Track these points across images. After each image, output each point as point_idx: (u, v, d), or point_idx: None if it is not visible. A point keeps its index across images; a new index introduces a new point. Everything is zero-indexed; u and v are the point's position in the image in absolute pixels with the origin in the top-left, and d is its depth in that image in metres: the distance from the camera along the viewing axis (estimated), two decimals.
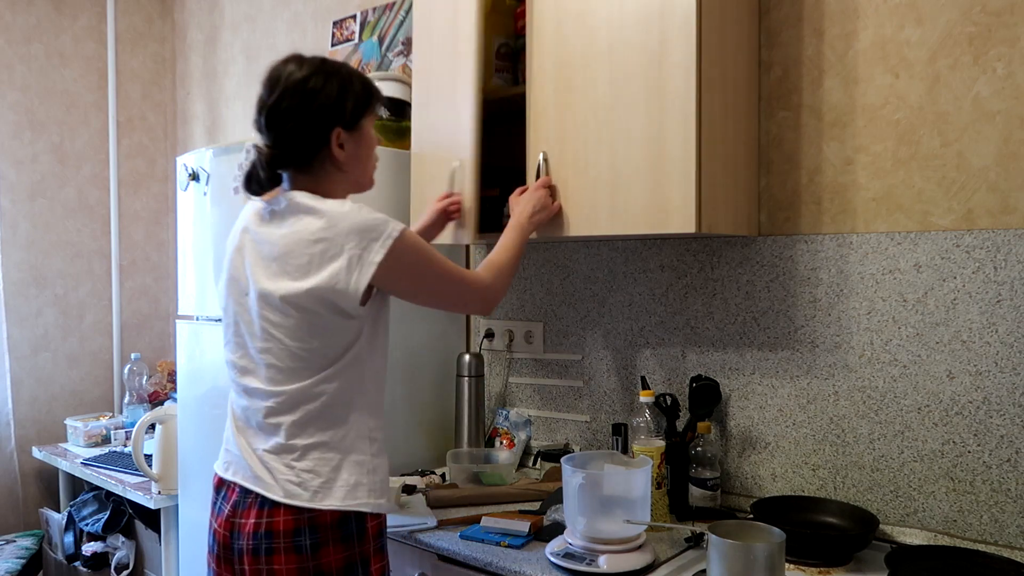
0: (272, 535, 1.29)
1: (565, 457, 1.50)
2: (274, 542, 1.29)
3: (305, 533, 1.28)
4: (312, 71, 1.33)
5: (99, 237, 3.46)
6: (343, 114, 1.34)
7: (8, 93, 3.19)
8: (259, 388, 1.35)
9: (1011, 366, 1.46)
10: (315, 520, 1.29)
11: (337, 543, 1.30)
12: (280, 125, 1.32)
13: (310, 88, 1.32)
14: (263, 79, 1.36)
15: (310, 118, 1.32)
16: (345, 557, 1.30)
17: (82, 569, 2.82)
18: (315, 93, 1.32)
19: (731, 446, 1.83)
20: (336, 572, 1.29)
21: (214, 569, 1.39)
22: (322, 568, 1.28)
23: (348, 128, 1.36)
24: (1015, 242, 1.46)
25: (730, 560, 1.22)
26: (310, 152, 1.35)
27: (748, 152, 1.72)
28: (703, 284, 1.87)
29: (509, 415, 2.21)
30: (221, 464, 1.43)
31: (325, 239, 1.27)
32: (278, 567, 1.28)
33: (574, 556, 1.43)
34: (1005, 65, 1.47)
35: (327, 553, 1.29)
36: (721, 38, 1.58)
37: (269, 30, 3.09)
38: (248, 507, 1.33)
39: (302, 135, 1.33)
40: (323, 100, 1.32)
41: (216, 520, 1.39)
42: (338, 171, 1.38)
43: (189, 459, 2.28)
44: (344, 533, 1.30)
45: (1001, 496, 1.47)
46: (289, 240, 1.30)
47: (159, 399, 3.12)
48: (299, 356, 1.32)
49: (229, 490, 1.38)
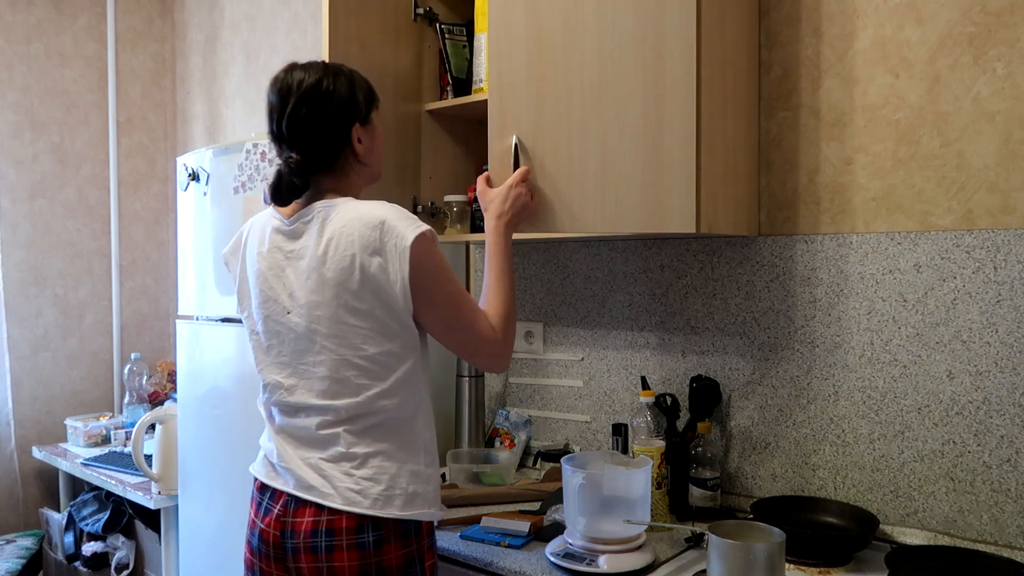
0: (333, 533, 1.30)
1: (565, 457, 1.50)
2: (335, 539, 1.30)
3: (368, 530, 1.30)
4: (321, 74, 1.37)
5: (99, 237, 3.46)
6: (358, 110, 1.39)
7: (8, 93, 3.19)
8: (314, 404, 1.35)
9: (1011, 366, 1.46)
10: (377, 518, 1.30)
11: (398, 540, 1.32)
12: (305, 131, 1.35)
13: (324, 90, 1.35)
14: (273, 90, 1.38)
15: (332, 119, 1.36)
16: (404, 554, 1.32)
17: (82, 569, 2.82)
18: (330, 94, 1.36)
19: (731, 446, 1.83)
20: (396, 570, 1.31)
21: (261, 568, 1.38)
22: (383, 565, 1.30)
23: (363, 123, 1.41)
24: (1015, 242, 1.46)
25: (730, 560, 1.22)
26: (336, 152, 1.38)
27: (748, 152, 1.72)
28: (703, 284, 1.87)
29: (509, 415, 2.21)
30: (261, 470, 1.42)
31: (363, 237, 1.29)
32: (339, 564, 1.29)
33: (574, 556, 1.43)
34: (1005, 65, 1.47)
35: (388, 550, 1.31)
36: (721, 38, 1.58)
37: (269, 30, 3.09)
38: (301, 507, 1.33)
39: (327, 137, 1.37)
40: (339, 100, 1.37)
41: (264, 520, 1.37)
42: (360, 165, 1.42)
43: (189, 459, 2.28)
44: (404, 530, 1.33)
45: (1001, 496, 1.47)
46: (329, 247, 1.31)
47: (159, 399, 3.12)
48: (357, 366, 1.32)
49: (277, 493, 1.37)
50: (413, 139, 2.03)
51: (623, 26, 1.53)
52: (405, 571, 1.32)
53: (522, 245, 2.20)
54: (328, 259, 1.30)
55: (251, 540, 1.40)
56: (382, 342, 1.32)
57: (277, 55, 3.06)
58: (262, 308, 1.40)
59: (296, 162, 1.36)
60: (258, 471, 1.43)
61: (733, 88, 1.64)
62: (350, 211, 1.32)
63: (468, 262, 2.36)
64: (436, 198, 2.03)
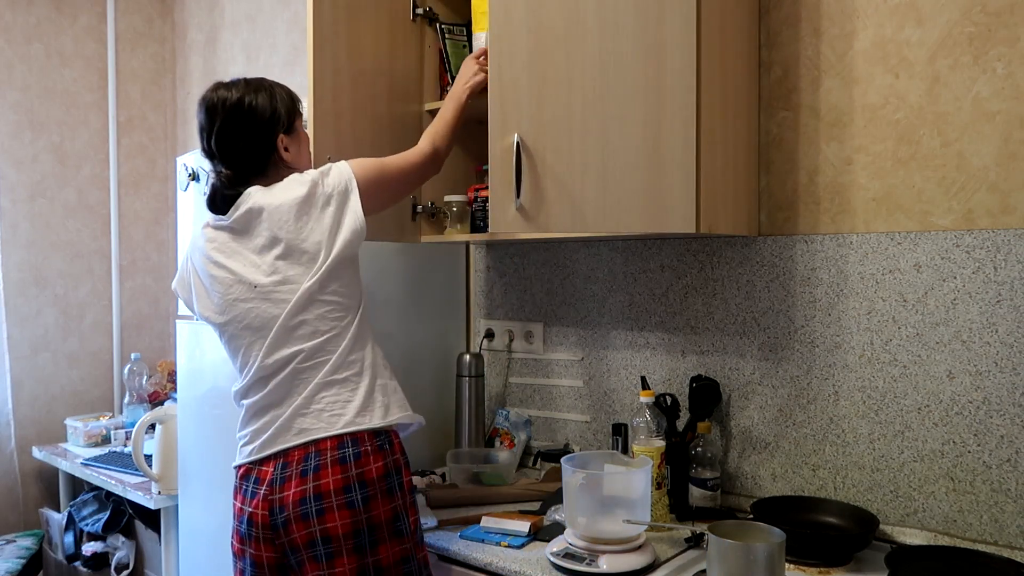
0: (321, 496, 1.37)
1: (565, 457, 1.50)
2: (324, 502, 1.37)
3: (355, 489, 1.37)
4: (243, 92, 1.49)
5: (99, 237, 3.45)
6: (281, 121, 1.51)
7: (8, 93, 3.19)
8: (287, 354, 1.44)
9: (1011, 366, 1.47)
10: (363, 476, 1.39)
11: (384, 495, 1.40)
12: (232, 146, 1.48)
13: (248, 107, 1.48)
14: (200, 109, 1.50)
15: (256, 133, 1.49)
16: (392, 508, 1.41)
17: (82, 569, 2.82)
18: (253, 110, 1.49)
19: (731, 446, 1.83)
20: (385, 523, 1.40)
21: (251, 554, 1.44)
22: (373, 520, 1.38)
23: (288, 132, 1.53)
24: (1015, 242, 1.46)
25: (730, 560, 1.22)
26: (263, 162, 1.50)
27: (748, 152, 1.72)
28: (703, 284, 1.87)
29: (509, 415, 2.21)
30: (245, 452, 1.49)
31: (304, 198, 1.43)
32: (331, 524, 1.36)
33: (574, 556, 1.43)
34: (1005, 65, 1.47)
35: (376, 506, 1.39)
36: (721, 38, 1.58)
37: (269, 30, 3.10)
38: (287, 480, 1.39)
39: (254, 150, 1.49)
40: (261, 114, 1.49)
41: (250, 504, 1.44)
42: (287, 168, 1.53)
43: (189, 459, 2.28)
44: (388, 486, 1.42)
45: (1001, 496, 1.47)
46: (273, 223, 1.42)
47: (159, 399, 3.11)
48: (324, 314, 1.43)
49: (260, 472, 1.44)
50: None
51: (624, 26, 1.53)
52: (384, 481, 1.41)
53: (522, 245, 2.20)
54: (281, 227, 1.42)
55: (239, 528, 1.46)
56: (345, 281, 1.46)
57: (277, 55, 3.06)
58: (227, 302, 1.47)
59: (227, 176, 1.48)
60: (240, 456, 1.50)
61: (733, 88, 1.64)
62: (274, 190, 1.46)
63: (468, 262, 2.36)
64: (436, 198, 2.03)
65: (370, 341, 1.50)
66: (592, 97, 1.56)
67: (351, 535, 1.36)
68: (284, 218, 1.41)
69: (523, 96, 1.61)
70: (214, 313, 1.49)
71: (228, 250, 1.47)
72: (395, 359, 1.53)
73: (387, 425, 1.46)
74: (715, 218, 1.57)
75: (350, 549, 1.36)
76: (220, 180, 1.48)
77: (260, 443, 1.45)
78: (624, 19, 1.53)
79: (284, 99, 1.53)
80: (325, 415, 1.41)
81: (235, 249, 1.46)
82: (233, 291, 1.45)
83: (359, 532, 1.37)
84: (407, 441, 1.56)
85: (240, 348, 1.48)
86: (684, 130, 1.49)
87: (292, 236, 1.41)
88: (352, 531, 1.36)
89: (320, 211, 1.43)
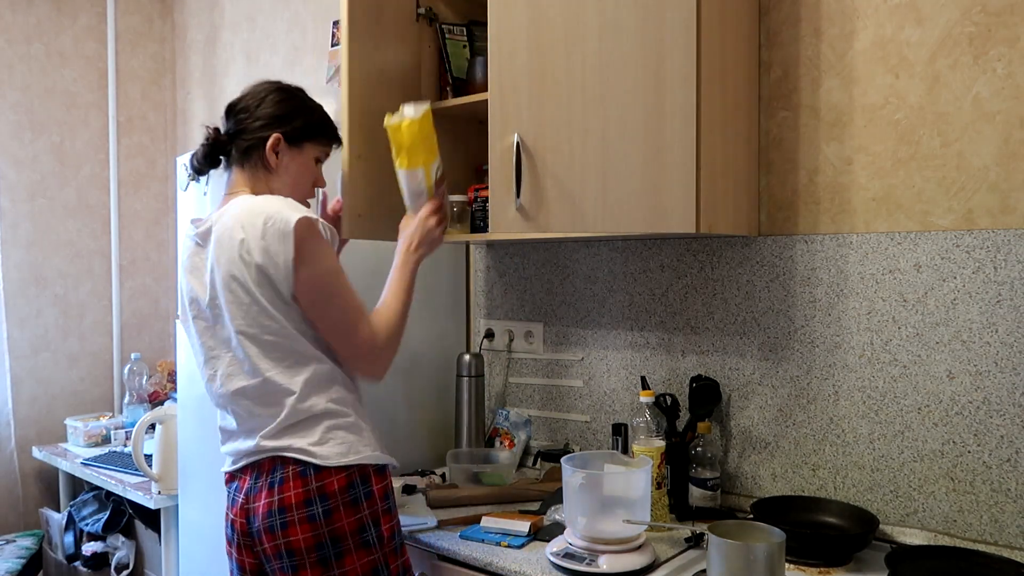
0: (285, 510, 1.37)
1: (565, 457, 1.50)
2: (287, 516, 1.37)
3: (316, 502, 1.37)
4: (276, 88, 1.52)
5: (99, 237, 3.45)
6: (286, 125, 1.49)
7: (8, 93, 3.19)
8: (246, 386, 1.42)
9: (1011, 366, 1.46)
10: (324, 489, 1.37)
11: (348, 507, 1.38)
12: (232, 116, 1.51)
13: (266, 96, 1.51)
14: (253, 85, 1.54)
15: (256, 116, 1.49)
16: (356, 520, 1.39)
17: (82, 569, 2.82)
18: (269, 100, 1.50)
19: (731, 446, 1.83)
20: (350, 535, 1.38)
21: (235, 558, 1.48)
22: (336, 532, 1.37)
23: (288, 140, 1.50)
24: (1015, 242, 1.46)
25: (730, 560, 1.22)
26: (246, 146, 1.49)
27: (748, 152, 1.72)
28: (703, 284, 1.87)
29: (509, 415, 2.21)
30: (228, 463, 1.51)
31: (249, 227, 1.38)
32: (295, 538, 1.37)
33: (574, 556, 1.43)
34: (1005, 65, 1.47)
35: (339, 518, 1.38)
36: (721, 38, 1.58)
37: (269, 30, 3.10)
38: (259, 491, 1.40)
39: (245, 128, 1.49)
40: (273, 107, 1.50)
41: (232, 511, 1.47)
42: (267, 174, 1.51)
43: (189, 459, 2.27)
44: (352, 497, 1.39)
45: (1001, 496, 1.47)
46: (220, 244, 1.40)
47: (159, 399, 3.11)
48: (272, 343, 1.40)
49: (240, 480, 1.46)
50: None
51: (624, 25, 1.53)
52: (359, 535, 1.39)
53: (522, 245, 2.20)
54: (220, 255, 1.39)
55: (226, 532, 1.50)
56: (276, 326, 1.39)
57: (277, 55, 3.06)
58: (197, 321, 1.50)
59: (212, 137, 1.51)
60: (225, 466, 1.53)
61: (733, 88, 1.64)
62: (237, 204, 1.41)
63: (468, 262, 2.36)
64: None
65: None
66: (592, 97, 1.56)
67: (313, 548, 1.36)
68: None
69: (523, 96, 1.61)
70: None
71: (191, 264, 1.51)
72: (395, 359, 1.53)
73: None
74: (715, 218, 1.57)
75: (313, 562, 1.37)
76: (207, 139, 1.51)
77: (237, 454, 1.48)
78: (624, 19, 1.53)
79: (310, 118, 1.52)
80: None
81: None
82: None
83: (321, 545, 1.36)
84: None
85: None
86: (684, 130, 1.49)
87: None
88: (314, 544, 1.36)
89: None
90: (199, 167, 1.53)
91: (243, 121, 1.49)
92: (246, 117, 1.49)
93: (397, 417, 2.12)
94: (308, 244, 1.37)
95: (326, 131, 1.56)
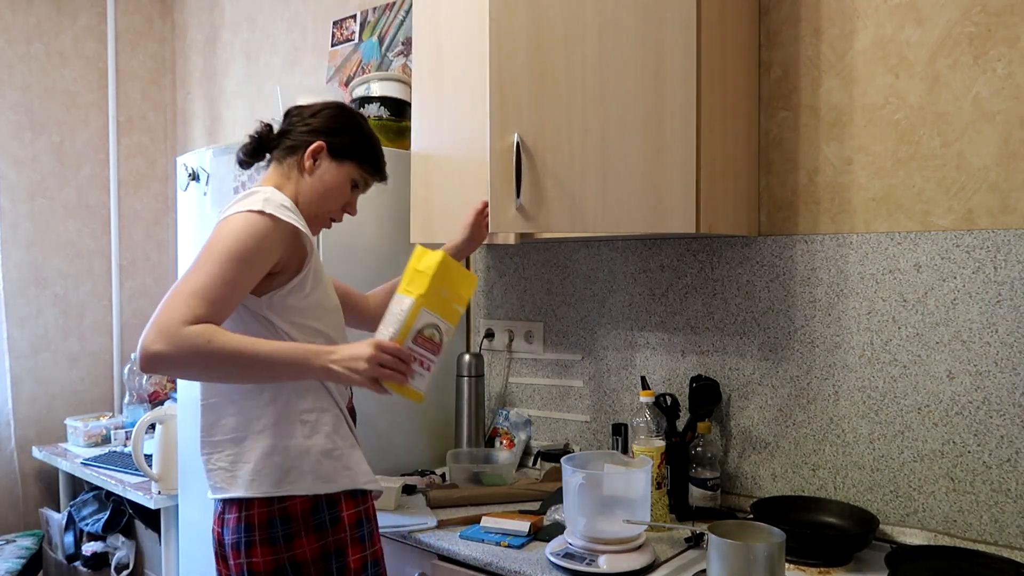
0: (249, 528, 1.32)
1: (565, 457, 1.50)
2: (251, 535, 1.31)
3: (277, 524, 1.31)
4: (337, 104, 1.51)
5: (99, 237, 3.45)
6: (334, 137, 1.46)
7: (8, 93, 3.19)
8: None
9: (1011, 366, 1.46)
10: (287, 511, 1.31)
11: (310, 533, 1.31)
12: (288, 117, 1.50)
13: (324, 109, 1.49)
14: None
15: (308, 122, 1.47)
16: (320, 547, 1.32)
17: (82, 569, 2.82)
18: (325, 113, 1.48)
19: (731, 446, 1.83)
20: (311, 562, 1.31)
21: (216, 568, 1.44)
22: (296, 558, 1.31)
23: (330, 151, 1.45)
24: (1015, 242, 1.46)
25: (730, 560, 1.22)
26: (290, 145, 1.46)
27: (748, 152, 1.72)
28: (703, 284, 1.87)
29: (509, 415, 2.21)
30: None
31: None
32: (255, 559, 1.31)
33: (574, 556, 1.43)
34: (1005, 65, 1.47)
35: (300, 544, 1.31)
36: (721, 38, 1.58)
37: (269, 30, 3.09)
38: (232, 503, 1.35)
39: (294, 129, 1.47)
40: (327, 119, 1.47)
41: (213, 519, 1.43)
42: (299, 176, 1.45)
43: (189, 459, 2.27)
44: (316, 522, 1.32)
45: (1001, 496, 1.47)
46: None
47: (159, 399, 3.11)
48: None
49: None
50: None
51: (624, 25, 1.53)
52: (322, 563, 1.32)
53: (522, 245, 2.20)
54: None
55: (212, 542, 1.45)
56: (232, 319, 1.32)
57: (277, 55, 3.06)
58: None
59: (263, 131, 1.48)
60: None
61: (733, 88, 1.64)
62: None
63: (468, 262, 2.36)
64: None
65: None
66: (592, 97, 1.56)
67: (272, 573, 1.30)
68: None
69: (523, 96, 1.61)
70: None
71: None
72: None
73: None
74: (715, 218, 1.57)
75: None
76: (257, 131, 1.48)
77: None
78: (624, 19, 1.53)
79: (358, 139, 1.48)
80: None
81: None
82: None
83: (281, 570, 1.30)
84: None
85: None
86: (684, 130, 1.49)
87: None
88: (274, 569, 1.30)
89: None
90: (242, 159, 1.50)
91: (295, 123, 1.47)
92: (299, 121, 1.47)
93: (397, 417, 2.12)
94: (222, 229, 1.28)
95: (372, 159, 1.50)
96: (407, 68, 2.50)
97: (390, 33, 2.60)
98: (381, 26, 2.63)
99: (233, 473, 1.34)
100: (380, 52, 2.63)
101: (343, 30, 2.78)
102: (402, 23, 2.56)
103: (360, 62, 2.69)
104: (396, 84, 2.25)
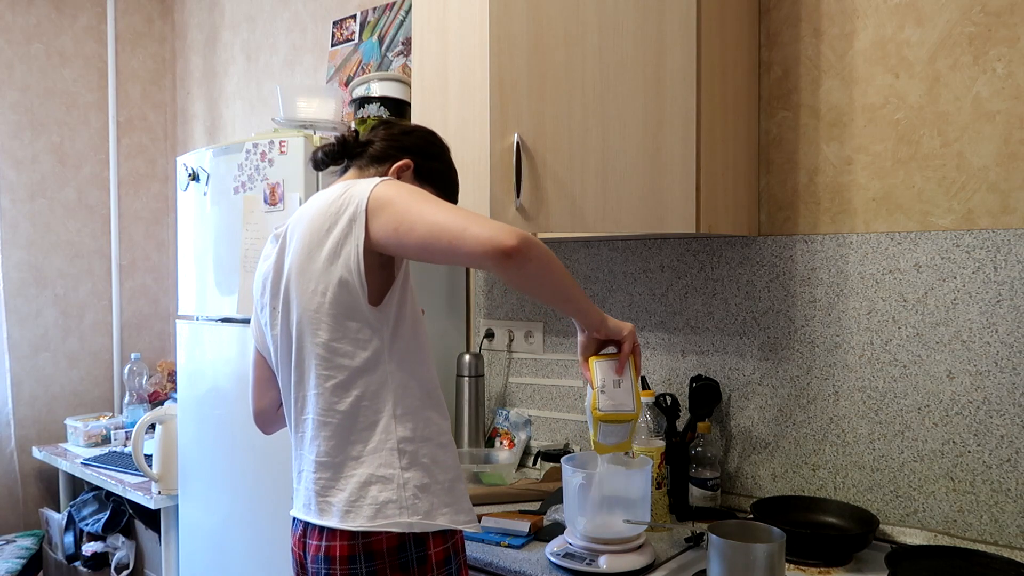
0: (329, 560, 1.22)
1: (565, 457, 1.50)
2: (331, 568, 1.22)
3: (360, 561, 1.21)
4: (430, 132, 1.46)
5: (99, 237, 3.46)
6: (422, 159, 1.40)
7: (8, 93, 3.19)
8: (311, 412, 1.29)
9: (1011, 366, 1.47)
10: (371, 547, 1.20)
11: (395, 571, 1.21)
12: (379, 128, 1.43)
13: (417, 131, 1.44)
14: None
15: (399, 139, 1.41)
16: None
17: (82, 569, 2.82)
18: (419, 135, 1.43)
19: (731, 446, 1.83)
20: None
21: None
22: None
23: (416, 172, 1.39)
24: (1015, 242, 1.46)
25: (730, 560, 1.22)
26: (375, 155, 1.39)
27: (748, 152, 1.72)
28: (703, 284, 1.87)
29: (509, 415, 2.21)
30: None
31: (330, 213, 1.24)
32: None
33: (574, 556, 1.43)
34: (1005, 65, 1.47)
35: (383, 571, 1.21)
36: (721, 38, 1.58)
37: (269, 30, 3.10)
38: (314, 529, 1.26)
39: (384, 143, 1.40)
40: (419, 141, 1.42)
41: (293, 538, 1.34)
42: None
43: (189, 459, 2.28)
44: (402, 560, 1.21)
45: (1001, 496, 1.47)
46: (305, 232, 1.28)
47: (159, 399, 3.12)
48: (328, 360, 1.25)
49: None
50: None
51: (624, 25, 1.53)
52: (397, 553, 1.21)
53: None
54: (293, 254, 1.28)
55: (292, 556, 1.37)
56: (349, 329, 1.23)
57: (277, 55, 3.06)
58: (273, 321, 1.36)
59: (350, 136, 1.41)
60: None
61: (733, 88, 1.64)
62: (323, 195, 1.30)
63: (468, 273, 2.36)
64: None
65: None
66: (592, 97, 1.56)
67: None
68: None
69: (523, 96, 1.61)
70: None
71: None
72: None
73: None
74: (715, 218, 1.57)
75: None
76: (342, 136, 1.41)
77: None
78: (624, 19, 1.54)
79: (443, 170, 1.43)
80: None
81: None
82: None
83: None
84: None
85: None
86: (684, 130, 1.49)
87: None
88: None
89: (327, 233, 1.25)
90: (322, 159, 1.42)
91: (385, 138, 1.41)
92: (388, 135, 1.41)
93: None
94: (387, 189, 1.22)
95: (450, 190, 1.45)
96: (407, 68, 2.50)
97: (390, 33, 2.60)
98: (381, 26, 2.64)
99: (326, 499, 1.24)
100: (380, 52, 2.63)
101: (343, 30, 2.78)
102: (402, 23, 2.56)
103: (360, 62, 2.69)
104: (396, 84, 2.25)
